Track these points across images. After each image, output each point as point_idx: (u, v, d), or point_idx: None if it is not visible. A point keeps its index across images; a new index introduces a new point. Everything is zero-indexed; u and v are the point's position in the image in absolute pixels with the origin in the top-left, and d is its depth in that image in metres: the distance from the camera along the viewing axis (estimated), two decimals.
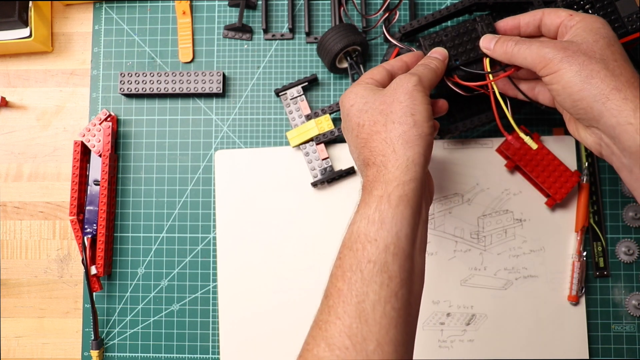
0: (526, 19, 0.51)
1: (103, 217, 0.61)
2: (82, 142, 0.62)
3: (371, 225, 0.40)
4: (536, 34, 0.51)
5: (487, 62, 0.51)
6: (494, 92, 0.52)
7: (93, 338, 0.62)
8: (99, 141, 0.62)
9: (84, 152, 0.63)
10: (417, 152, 0.42)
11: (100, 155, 0.62)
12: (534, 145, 0.55)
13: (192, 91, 0.63)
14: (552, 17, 0.49)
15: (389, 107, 0.44)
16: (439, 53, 0.52)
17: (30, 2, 0.63)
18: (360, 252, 0.40)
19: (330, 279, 0.41)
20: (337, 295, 0.40)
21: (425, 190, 0.45)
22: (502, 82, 0.54)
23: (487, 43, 0.50)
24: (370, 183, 0.43)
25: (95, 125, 0.63)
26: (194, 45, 0.66)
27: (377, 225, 0.40)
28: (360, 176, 0.46)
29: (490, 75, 0.51)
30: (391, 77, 0.50)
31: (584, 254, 0.60)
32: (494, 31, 0.52)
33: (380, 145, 0.44)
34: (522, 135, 0.55)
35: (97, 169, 0.63)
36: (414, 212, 0.41)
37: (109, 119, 0.63)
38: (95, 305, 0.62)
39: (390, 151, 0.43)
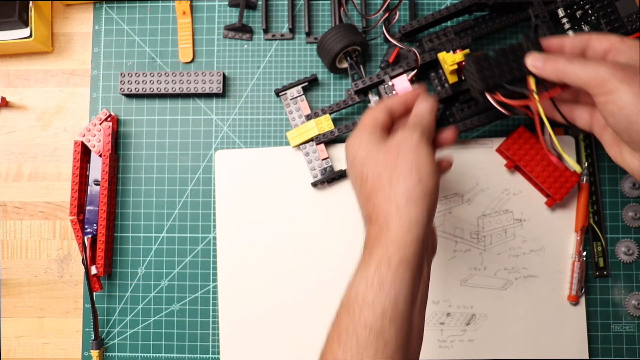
0: (572, 41, 0.49)
1: (103, 217, 0.61)
2: (82, 142, 0.62)
3: (370, 288, 0.40)
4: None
5: (531, 80, 0.48)
6: (538, 112, 0.49)
7: (93, 338, 0.62)
8: (99, 141, 0.62)
9: (84, 152, 0.63)
10: (421, 210, 0.42)
11: (100, 155, 0.62)
12: (579, 169, 0.52)
13: (192, 91, 0.63)
14: (602, 41, 0.48)
15: (393, 161, 0.44)
16: (424, 103, 0.50)
17: (31, 2, 0.63)
18: (357, 316, 0.39)
19: (326, 340, 0.41)
20: (331, 358, 0.40)
21: (428, 247, 0.45)
22: (542, 103, 0.51)
23: (535, 61, 0.47)
24: (371, 242, 0.42)
25: (95, 125, 0.63)
26: (194, 45, 0.66)
27: (375, 288, 0.40)
28: (364, 228, 0.46)
29: (535, 95, 0.48)
30: (392, 117, 0.50)
31: (584, 253, 0.61)
32: (541, 49, 0.49)
33: (383, 203, 0.43)
34: (567, 158, 0.51)
35: (97, 169, 0.63)
36: (414, 274, 0.41)
37: (109, 119, 0.63)
38: (96, 305, 0.62)
39: (393, 209, 0.42)
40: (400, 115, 0.51)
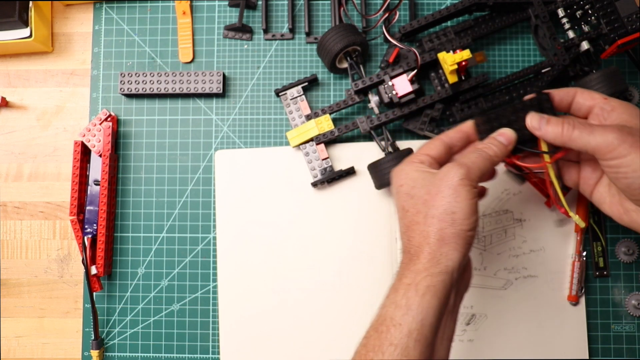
0: (560, 95, 0.49)
1: (103, 217, 0.61)
2: (82, 142, 0.62)
3: (398, 309, 0.42)
4: (566, 111, 0.50)
5: (543, 142, 0.47)
6: (549, 174, 0.49)
7: (93, 338, 0.62)
8: (99, 141, 0.62)
9: (84, 152, 0.63)
10: (452, 248, 0.43)
11: (100, 155, 0.62)
12: (582, 224, 0.52)
13: (192, 91, 0.63)
14: (586, 98, 0.48)
15: (432, 199, 0.44)
16: (505, 137, 0.48)
17: (31, 2, 0.63)
18: (384, 334, 0.41)
19: (353, 358, 0.43)
20: None
21: (461, 281, 0.46)
22: (535, 162, 0.50)
23: (536, 122, 0.47)
24: (402, 270, 0.44)
25: (95, 125, 0.63)
26: (194, 46, 0.66)
27: (403, 310, 0.41)
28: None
29: (547, 156, 0.48)
30: (449, 151, 0.49)
31: (584, 253, 0.61)
32: (552, 107, 0.48)
33: (418, 237, 0.44)
34: (573, 216, 0.51)
35: (97, 169, 0.63)
36: (440, 302, 0.42)
37: (109, 119, 0.63)
38: (96, 305, 0.62)
39: (425, 244, 0.43)
40: (460, 149, 0.50)
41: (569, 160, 0.51)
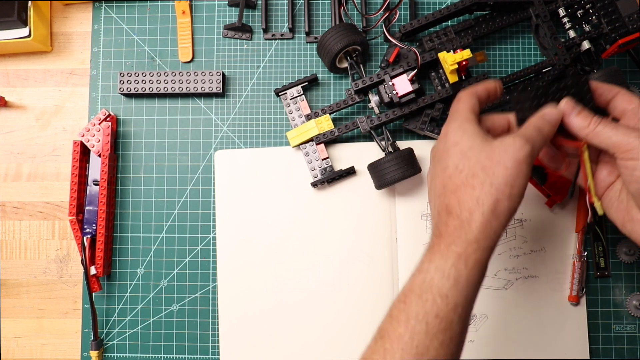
0: (602, 89, 0.48)
1: (102, 217, 0.61)
2: (81, 142, 0.62)
3: (446, 280, 0.41)
4: (604, 108, 0.49)
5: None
6: (584, 162, 0.48)
7: (92, 339, 0.62)
8: (99, 141, 0.62)
9: (84, 152, 0.63)
10: (501, 223, 0.42)
11: (99, 155, 0.62)
12: (601, 211, 0.50)
13: (192, 91, 0.63)
14: (626, 100, 0.48)
15: (493, 166, 0.43)
16: (551, 116, 0.47)
17: (30, 2, 0.63)
18: (429, 303, 0.40)
19: (389, 320, 0.41)
20: (396, 340, 0.40)
21: None
22: (553, 151, 0.51)
23: (568, 109, 0.46)
24: (449, 235, 0.43)
25: (94, 125, 0.62)
26: (193, 45, 0.65)
27: (451, 282, 0.41)
28: (432, 215, 0.46)
29: (585, 146, 0.47)
30: (481, 106, 0.48)
31: (585, 254, 0.60)
32: (591, 97, 0.48)
33: (471, 202, 0.42)
34: (595, 202, 0.49)
35: (96, 169, 0.63)
36: (481, 278, 0.42)
37: (108, 118, 0.63)
38: (95, 306, 0.62)
39: (479, 213, 0.42)
40: (483, 104, 0.49)
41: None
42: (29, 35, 0.63)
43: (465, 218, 0.42)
